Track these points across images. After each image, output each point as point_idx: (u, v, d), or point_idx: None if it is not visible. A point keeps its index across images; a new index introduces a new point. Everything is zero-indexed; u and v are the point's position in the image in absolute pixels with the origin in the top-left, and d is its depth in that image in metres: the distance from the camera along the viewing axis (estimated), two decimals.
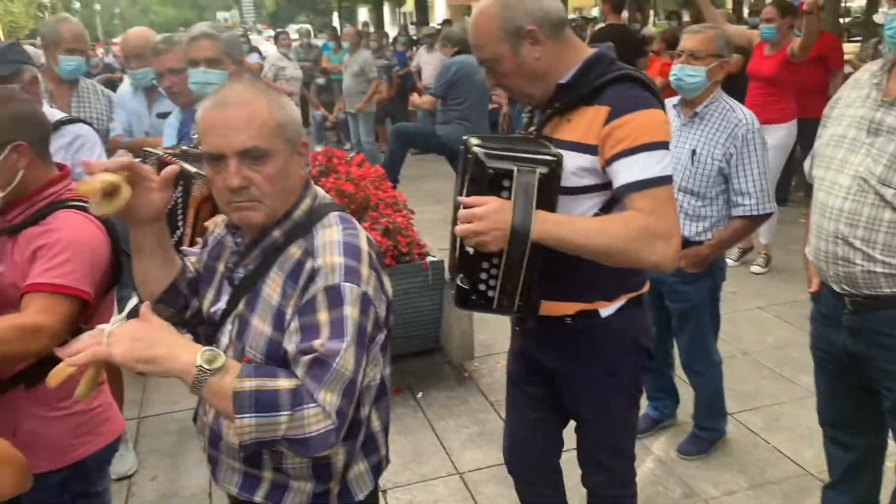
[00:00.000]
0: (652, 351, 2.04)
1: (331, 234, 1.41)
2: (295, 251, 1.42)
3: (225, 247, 1.57)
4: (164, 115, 3.54)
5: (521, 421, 2.19)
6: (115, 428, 2.03)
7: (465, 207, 1.64)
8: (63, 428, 1.88)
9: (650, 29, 11.10)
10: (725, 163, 2.75)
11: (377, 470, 1.60)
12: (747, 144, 2.72)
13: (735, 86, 4.85)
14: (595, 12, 29.39)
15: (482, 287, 1.75)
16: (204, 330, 1.57)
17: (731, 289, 3.11)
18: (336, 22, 33.47)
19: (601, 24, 6.93)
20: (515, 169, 1.65)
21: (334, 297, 1.33)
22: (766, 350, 4.12)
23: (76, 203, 1.85)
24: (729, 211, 2.83)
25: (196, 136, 2.68)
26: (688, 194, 2.83)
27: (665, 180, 1.69)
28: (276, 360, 1.38)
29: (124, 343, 1.23)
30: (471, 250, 1.69)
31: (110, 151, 3.44)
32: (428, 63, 9.65)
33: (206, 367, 1.24)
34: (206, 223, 2.07)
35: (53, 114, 2.98)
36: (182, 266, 1.60)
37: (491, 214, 1.61)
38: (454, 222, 1.81)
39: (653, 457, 3.18)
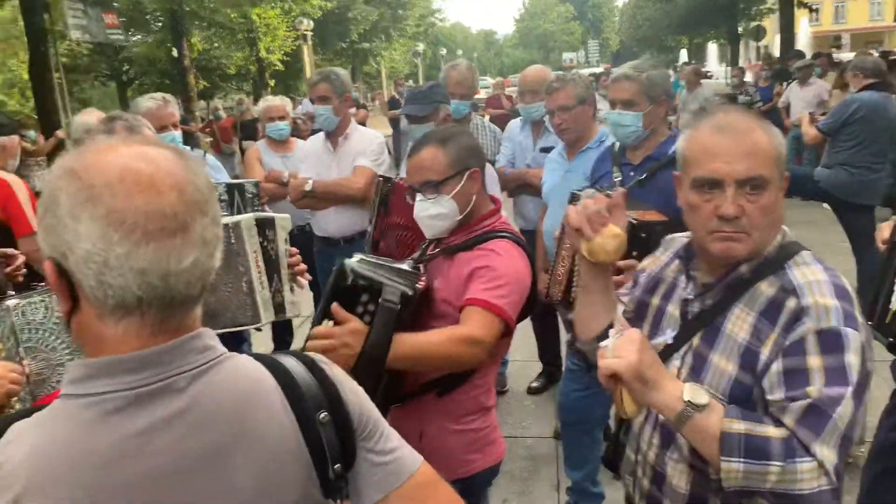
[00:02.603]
0: None
1: (814, 274, 1.31)
2: (766, 288, 1.34)
3: (662, 281, 1.54)
4: (546, 150, 3.68)
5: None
6: (498, 451, 2.09)
7: None
8: (460, 441, 1.98)
9: None
10: None
11: None
12: None
13: None
14: None
15: None
16: None
17: None
18: (683, 59, 32.70)
19: None
20: None
21: (831, 342, 1.23)
22: None
23: (508, 234, 1.99)
24: None
25: (619, 178, 2.69)
26: None
27: None
28: (742, 401, 1.29)
29: (632, 356, 1.21)
30: None
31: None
32: (800, 99, 8.79)
33: (694, 401, 1.20)
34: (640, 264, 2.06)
35: None
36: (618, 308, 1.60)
37: None
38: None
39: None
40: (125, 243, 0.83)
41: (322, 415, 0.98)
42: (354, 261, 1.88)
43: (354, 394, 1.05)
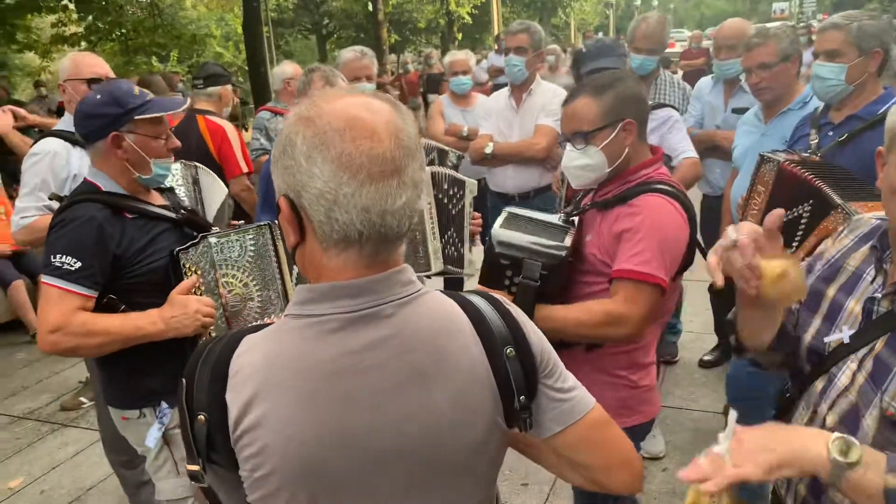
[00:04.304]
0: None
1: None
2: None
3: (840, 270, 1.35)
4: (739, 111, 3.42)
5: None
6: (652, 410, 2.06)
7: None
8: (611, 396, 1.95)
9: None
10: None
11: None
12: None
13: None
14: None
15: None
16: (807, 363, 1.38)
17: None
18: None
19: None
20: None
21: None
22: None
23: (663, 187, 1.90)
24: None
25: (815, 140, 2.46)
26: None
27: None
28: None
29: (749, 460, 1.08)
30: None
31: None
32: None
33: (842, 460, 1.04)
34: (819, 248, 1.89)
35: None
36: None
37: None
38: None
39: None
40: (352, 183, 0.91)
41: (508, 349, 1.05)
42: (501, 225, 1.92)
43: (536, 333, 1.11)
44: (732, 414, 1.17)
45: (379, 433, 0.98)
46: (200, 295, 1.98)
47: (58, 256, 1.87)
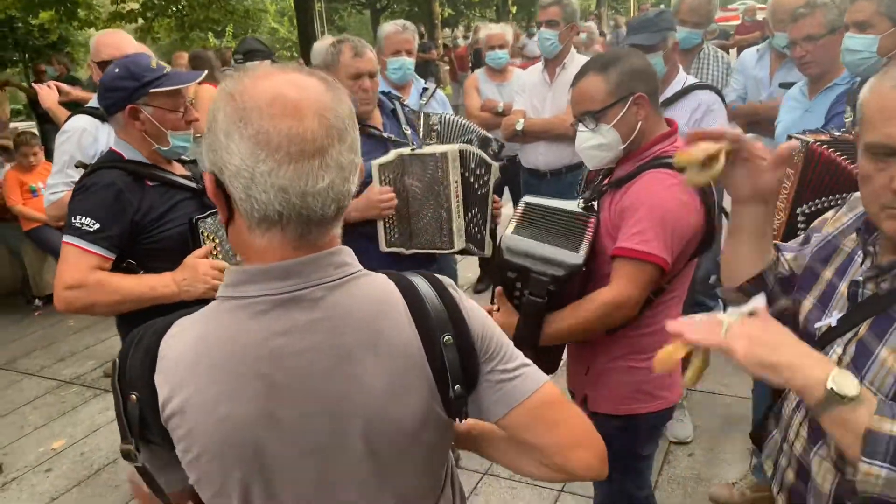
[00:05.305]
0: None
1: None
2: None
3: (837, 251, 1.32)
4: (786, 86, 3.26)
5: None
6: (672, 396, 2.01)
7: None
8: (627, 380, 1.95)
9: None
10: None
11: None
12: None
13: None
14: None
15: None
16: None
17: None
18: None
19: None
20: None
21: None
22: None
23: (671, 163, 1.82)
24: None
25: (849, 118, 2.33)
26: None
27: None
28: None
29: (745, 341, 1.03)
30: None
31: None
32: None
33: (838, 392, 0.99)
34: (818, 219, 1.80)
35: (688, 79, 3.05)
36: (775, 259, 1.42)
37: None
38: None
39: None
40: (269, 162, 0.89)
41: (446, 337, 1.01)
42: (513, 231, 1.86)
43: (476, 314, 1.07)
44: (761, 297, 1.12)
45: (311, 417, 0.96)
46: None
47: (78, 217, 1.95)
